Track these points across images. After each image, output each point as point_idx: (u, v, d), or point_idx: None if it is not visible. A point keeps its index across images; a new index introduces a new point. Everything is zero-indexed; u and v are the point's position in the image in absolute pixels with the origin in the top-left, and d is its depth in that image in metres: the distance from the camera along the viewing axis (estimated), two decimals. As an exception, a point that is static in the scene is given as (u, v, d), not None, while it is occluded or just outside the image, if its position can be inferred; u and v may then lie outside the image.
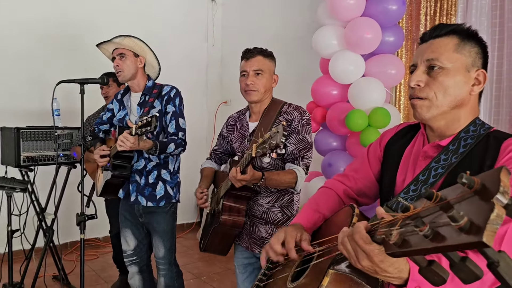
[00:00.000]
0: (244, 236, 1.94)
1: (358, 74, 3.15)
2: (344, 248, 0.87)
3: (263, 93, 1.90)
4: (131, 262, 2.45)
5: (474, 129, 1.05)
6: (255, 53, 1.88)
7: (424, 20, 3.58)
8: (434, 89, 1.03)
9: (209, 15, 5.23)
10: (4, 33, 3.80)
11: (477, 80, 1.05)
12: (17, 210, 2.73)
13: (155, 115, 1.87)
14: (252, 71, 1.87)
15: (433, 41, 1.07)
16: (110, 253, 4.11)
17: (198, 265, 3.89)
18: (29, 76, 3.92)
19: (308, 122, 1.88)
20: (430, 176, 1.04)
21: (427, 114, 1.06)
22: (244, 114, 2.06)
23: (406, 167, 1.16)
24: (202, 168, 2.18)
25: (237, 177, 1.63)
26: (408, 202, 1.05)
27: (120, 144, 1.98)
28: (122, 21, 4.25)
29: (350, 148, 3.24)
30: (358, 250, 0.82)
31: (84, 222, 2.14)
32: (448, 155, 1.04)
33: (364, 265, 0.82)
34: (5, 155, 3.03)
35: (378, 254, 0.79)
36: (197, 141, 4.83)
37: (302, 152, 1.84)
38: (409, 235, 0.66)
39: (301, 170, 1.82)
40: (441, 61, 1.03)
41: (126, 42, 2.25)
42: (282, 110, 1.91)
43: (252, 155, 1.52)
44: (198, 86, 5.12)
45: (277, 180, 1.77)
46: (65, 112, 3.36)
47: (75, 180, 3.02)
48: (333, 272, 0.94)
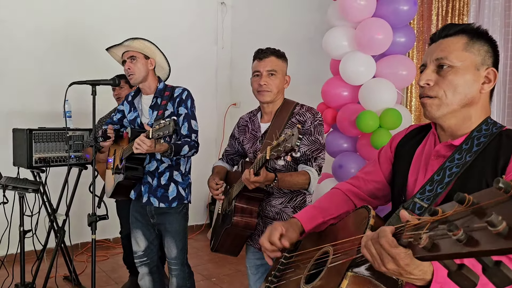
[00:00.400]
0: (257, 237, 1.93)
1: (369, 75, 3.13)
2: (368, 251, 0.87)
3: (276, 93, 1.89)
4: (141, 263, 2.45)
5: (486, 127, 1.05)
6: (269, 53, 1.88)
7: (435, 20, 3.55)
8: (443, 87, 1.04)
9: (219, 17, 5.24)
10: (17, 36, 3.85)
11: (487, 79, 1.05)
12: (29, 210, 2.75)
13: (173, 119, 1.85)
14: (266, 72, 1.86)
15: (442, 40, 1.08)
16: (120, 254, 4.13)
17: (208, 266, 3.88)
18: (41, 78, 3.96)
19: (320, 123, 1.88)
20: (445, 175, 1.04)
21: (437, 113, 1.06)
22: (255, 115, 2.05)
23: (417, 167, 1.16)
24: (214, 166, 2.18)
25: (251, 179, 1.62)
26: (424, 202, 1.06)
27: (136, 147, 1.97)
28: (132, 24, 4.28)
29: (361, 149, 3.21)
30: (384, 254, 0.82)
31: (96, 222, 2.15)
32: (462, 154, 1.04)
33: (389, 268, 0.82)
34: (17, 156, 3.06)
35: (404, 257, 0.79)
36: (206, 143, 4.84)
37: (315, 153, 1.84)
38: (439, 239, 0.65)
39: (314, 171, 1.81)
40: (450, 59, 1.04)
41: (136, 45, 2.26)
42: (294, 111, 1.90)
43: (266, 158, 1.52)
44: (207, 88, 5.14)
45: (290, 182, 1.76)
46: (76, 114, 3.39)
47: (87, 181, 3.04)
48: (352, 274, 0.94)
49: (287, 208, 1.89)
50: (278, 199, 1.90)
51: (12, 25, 3.82)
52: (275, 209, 1.90)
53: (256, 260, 2.00)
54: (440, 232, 0.65)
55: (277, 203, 1.90)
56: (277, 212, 1.90)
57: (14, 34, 3.83)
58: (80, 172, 3.24)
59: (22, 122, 3.41)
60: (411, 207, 1.06)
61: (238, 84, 5.23)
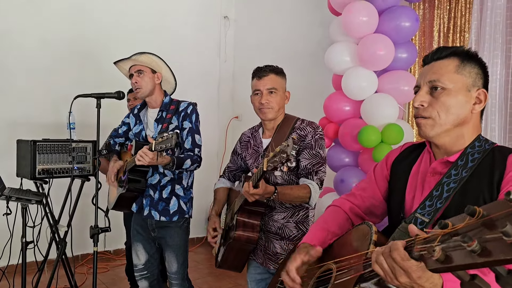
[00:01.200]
0: (259, 252, 1.94)
1: (371, 90, 3.16)
2: (379, 266, 0.88)
3: (278, 110, 1.92)
4: (141, 277, 2.45)
5: (479, 144, 1.11)
6: (268, 71, 1.90)
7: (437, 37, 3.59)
8: (437, 108, 1.09)
9: (222, 31, 5.30)
10: (23, 47, 3.89)
11: (478, 99, 1.10)
12: (31, 221, 2.75)
13: (176, 132, 1.87)
14: (266, 90, 1.88)
15: (435, 63, 1.13)
16: (120, 266, 4.12)
17: (207, 279, 3.86)
18: (46, 90, 4.00)
19: (321, 137, 1.89)
20: (444, 191, 1.08)
21: (431, 132, 1.11)
22: (257, 131, 2.07)
23: (414, 184, 1.20)
24: (216, 189, 2.18)
25: (250, 191, 1.64)
26: (425, 217, 1.08)
27: (139, 158, 1.99)
28: (136, 38, 4.33)
29: (363, 164, 3.23)
30: (396, 268, 0.83)
31: (98, 235, 2.15)
32: (458, 170, 1.08)
33: (402, 282, 0.84)
34: (20, 167, 3.07)
35: (417, 270, 0.81)
36: (208, 156, 4.84)
37: (315, 166, 1.85)
38: (452, 250, 0.68)
39: (315, 185, 1.82)
40: (443, 81, 1.09)
41: (144, 59, 2.28)
42: (295, 126, 1.92)
43: (263, 169, 1.54)
44: (210, 101, 5.17)
45: (290, 195, 1.77)
46: (80, 126, 3.41)
47: (89, 192, 3.05)
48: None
49: (290, 223, 1.90)
50: (280, 214, 1.90)
51: (18, 36, 3.87)
52: (278, 223, 1.90)
53: (257, 275, 2.00)
54: (452, 244, 0.67)
55: (279, 218, 1.90)
56: (280, 227, 1.90)
57: (20, 45, 3.88)
58: (82, 184, 3.24)
59: (26, 133, 3.43)
60: (413, 222, 1.09)
61: (240, 97, 5.26)
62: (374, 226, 1.10)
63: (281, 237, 1.90)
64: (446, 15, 3.54)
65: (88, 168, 3.13)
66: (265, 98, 1.88)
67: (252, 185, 1.64)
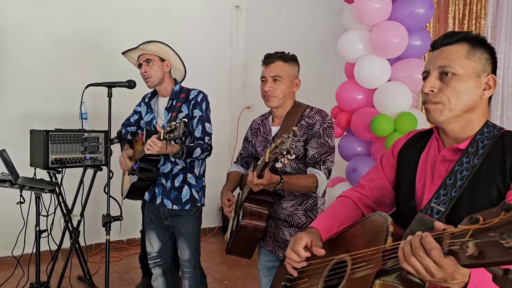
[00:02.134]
0: (268, 239, 1.94)
1: (384, 78, 3.11)
2: (411, 264, 0.87)
3: (282, 98, 1.89)
4: (155, 264, 2.46)
5: (488, 130, 1.11)
6: (275, 58, 1.88)
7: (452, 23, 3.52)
8: (447, 94, 1.09)
9: (233, 21, 5.26)
10: (34, 39, 3.91)
11: (488, 85, 1.11)
12: (45, 211, 2.78)
13: (183, 121, 1.85)
14: (270, 77, 1.87)
15: (444, 48, 1.13)
16: (133, 255, 4.16)
17: (220, 269, 3.88)
18: (58, 81, 4.02)
19: (330, 126, 1.87)
20: (457, 179, 1.08)
21: (440, 117, 1.11)
22: (267, 118, 2.06)
23: (424, 172, 1.19)
24: (229, 172, 2.19)
25: (254, 182, 1.64)
26: (441, 206, 1.06)
27: (148, 148, 1.99)
28: (147, 29, 4.32)
29: (375, 153, 3.19)
30: (432, 266, 0.83)
31: (110, 223, 2.16)
32: (469, 157, 1.08)
33: (438, 278, 0.84)
34: (34, 157, 3.10)
35: (452, 265, 0.81)
36: (220, 146, 4.85)
37: (323, 156, 1.83)
38: (485, 246, 0.67)
39: (322, 175, 1.80)
40: (453, 67, 1.09)
41: (151, 47, 2.27)
42: (304, 114, 1.90)
43: (265, 160, 1.54)
44: (221, 91, 5.15)
45: (296, 184, 1.77)
46: (92, 116, 3.43)
47: (102, 182, 3.07)
48: (380, 282, 0.96)
49: (298, 211, 1.90)
50: (289, 202, 1.90)
51: (30, 29, 3.89)
52: (286, 211, 1.90)
53: (268, 262, 2.01)
54: (487, 239, 0.66)
55: (288, 206, 1.90)
56: (288, 214, 1.90)
57: (31, 37, 3.89)
58: (95, 174, 3.27)
59: (39, 124, 3.46)
60: (429, 212, 1.08)
61: (252, 87, 5.24)
62: (389, 217, 1.09)
63: (290, 224, 1.90)
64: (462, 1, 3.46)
65: (100, 158, 3.15)
66: (268, 86, 1.86)
67: (256, 175, 1.63)
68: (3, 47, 3.77)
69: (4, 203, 3.55)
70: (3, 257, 3.74)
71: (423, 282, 0.94)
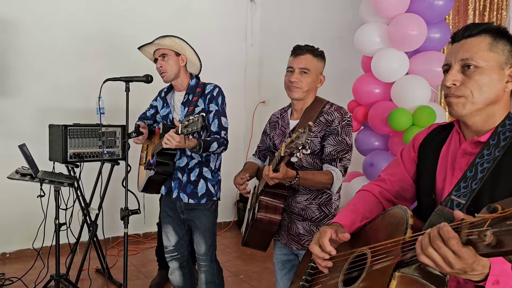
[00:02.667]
0: (283, 232, 1.95)
1: (402, 72, 3.07)
2: (428, 256, 0.86)
3: (306, 91, 1.89)
4: (172, 258, 2.48)
5: (510, 122, 1.09)
6: (305, 50, 1.87)
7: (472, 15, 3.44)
8: (470, 87, 1.07)
9: (248, 15, 5.24)
10: (53, 36, 3.96)
11: (511, 77, 1.09)
12: (63, 204, 2.82)
13: (202, 115, 1.86)
14: (298, 69, 1.86)
15: (466, 40, 1.11)
16: (150, 249, 4.20)
17: (236, 263, 3.90)
18: (75, 77, 4.07)
19: (348, 124, 1.86)
20: (478, 171, 1.06)
21: (463, 111, 1.09)
22: (286, 111, 2.06)
23: (444, 165, 1.18)
24: (246, 162, 2.21)
25: (270, 175, 1.65)
26: (461, 199, 1.06)
27: (165, 142, 2.00)
28: (162, 23, 4.33)
29: (393, 147, 3.15)
30: (450, 256, 0.82)
31: (128, 216, 2.18)
32: (490, 149, 1.07)
33: (457, 268, 0.83)
34: (53, 151, 3.15)
35: (471, 255, 0.80)
36: (235, 141, 4.82)
37: (340, 153, 1.82)
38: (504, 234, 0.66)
39: (338, 172, 1.80)
40: (476, 60, 1.07)
41: (166, 42, 2.27)
42: (323, 110, 1.89)
43: (281, 155, 1.54)
44: (236, 86, 5.15)
45: (311, 180, 1.77)
46: (109, 110, 3.46)
47: (120, 176, 3.10)
48: (400, 274, 0.95)
49: (312, 205, 1.90)
50: (303, 196, 1.90)
51: (48, 25, 3.94)
52: (300, 205, 1.90)
53: (283, 256, 2.02)
54: (505, 228, 0.66)
55: (302, 200, 1.90)
56: (302, 208, 1.90)
57: (49, 33, 3.94)
58: (112, 168, 3.31)
59: (57, 118, 3.51)
60: (449, 204, 1.07)
61: (267, 82, 5.22)
62: (409, 209, 1.08)
63: (304, 218, 1.90)
64: (482, -8, 3.38)
65: (117, 152, 3.19)
66: (295, 77, 1.85)
67: (272, 169, 1.64)
68: (22, 44, 3.83)
69: (25, 196, 3.61)
70: (24, 249, 3.82)
71: (444, 275, 0.93)
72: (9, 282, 3.23)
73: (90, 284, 3.11)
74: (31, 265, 3.20)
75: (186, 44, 2.33)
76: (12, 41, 3.78)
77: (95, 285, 3.27)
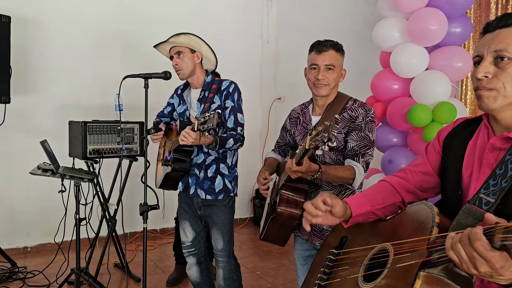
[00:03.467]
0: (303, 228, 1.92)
1: (421, 67, 3.02)
2: (456, 254, 0.85)
3: (333, 87, 1.88)
4: (189, 254, 2.50)
5: None
6: (328, 46, 1.85)
7: (494, 9, 3.36)
8: (502, 80, 1.02)
9: (264, 11, 5.23)
10: (72, 34, 4.02)
11: None
12: (83, 199, 2.87)
13: (217, 112, 1.86)
14: (324, 66, 1.84)
15: (500, 31, 1.05)
16: (167, 244, 4.24)
17: (252, 259, 3.91)
18: (94, 74, 4.12)
19: (372, 120, 1.86)
20: (508, 169, 1.01)
21: (494, 105, 1.05)
22: (307, 107, 2.04)
23: (471, 161, 1.14)
24: (266, 157, 2.20)
25: (293, 169, 1.64)
26: (491, 197, 1.02)
27: (182, 139, 2.02)
28: (178, 20, 4.35)
29: (412, 144, 3.11)
30: (476, 257, 0.81)
31: (147, 212, 2.20)
32: None
33: (482, 271, 0.82)
34: (72, 147, 3.20)
35: (500, 260, 0.79)
36: (251, 137, 4.83)
37: (363, 149, 1.82)
38: None
39: (360, 167, 1.79)
40: (510, 51, 1.02)
41: (181, 40, 2.28)
42: (346, 106, 1.89)
43: (306, 148, 1.52)
44: (252, 82, 5.14)
45: (334, 175, 1.76)
46: (127, 107, 3.50)
47: (138, 172, 3.13)
48: (425, 274, 0.93)
49: None
50: (326, 191, 1.88)
51: (67, 23, 3.99)
52: None
53: (304, 251, 2.01)
54: None
55: None
56: None
57: (69, 31, 4.00)
58: (130, 164, 3.35)
59: (77, 115, 3.56)
60: (477, 203, 1.02)
61: (283, 78, 5.21)
62: (435, 206, 1.05)
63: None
64: (505, -15, 3.30)
65: (136, 149, 3.22)
66: (322, 74, 1.84)
67: (295, 162, 1.63)
68: (43, 42, 3.89)
69: (46, 192, 3.69)
70: (45, 243, 3.89)
71: (470, 276, 0.91)
72: (31, 275, 3.30)
73: (109, 278, 3.16)
74: (52, 259, 3.26)
75: (201, 40, 2.33)
76: (33, 41, 3.85)
77: (114, 279, 3.32)
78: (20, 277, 3.26)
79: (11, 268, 3.42)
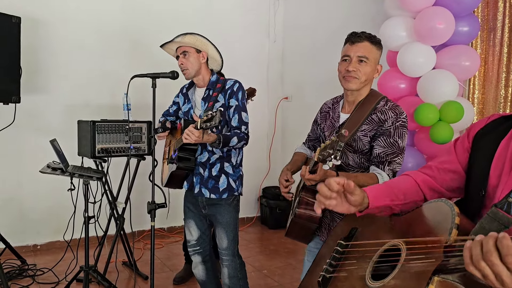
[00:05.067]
0: (323, 230, 1.89)
1: (428, 66, 3.00)
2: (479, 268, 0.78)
3: (363, 81, 1.75)
4: (194, 252, 2.52)
5: None
6: (363, 38, 1.75)
7: (502, 7, 3.32)
8: None
9: (271, 11, 5.24)
10: (80, 35, 4.06)
11: None
12: (92, 198, 2.90)
13: (219, 110, 1.88)
14: (356, 57, 1.73)
15: None
16: (174, 243, 4.28)
17: (259, 258, 3.92)
18: (102, 74, 4.16)
19: (403, 125, 1.72)
20: None
21: None
22: (338, 102, 1.94)
23: (502, 161, 1.06)
24: (295, 152, 2.12)
25: (306, 176, 1.59)
26: None
27: (185, 137, 2.04)
28: (186, 20, 4.39)
29: (419, 143, 3.10)
30: (505, 274, 0.74)
31: (155, 210, 2.23)
32: None
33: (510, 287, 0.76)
34: (81, 146, 3.24)
35: None
36: (258, 136, 4.86)
37: (389, 156, 1.69)
38: None
39: (384, 176, 1.67)
40: None
41: (187, 40, 2.30)
42: (377, 106, 1.75)
43: (315, 160, 1.48)
44: (259, 82, 5.15)
45: None
46: (135, 107, 3.53)
47: (145, 171, 3.16)
48: (439, 279, 0.87)
49: None
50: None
51: (76, 24, 4.04)
52: None
53: (316, 250, 1.98)
54: None
55: None
56: None
57: (77, 31, 4.05)
58: (138, 163, 3.38)
59: (86, 115, 3.60)
60: (506, 208, 0.95)
61: (289, 77, 5.21)
62: (455, 206, 0.97)
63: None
64: (514, -17, 3.27)
65: (143, 148, 3.25)
66: (353, 66, 1.72)
67: (309, 170, 1.58)
68: (52, 42, 3.94)
69: (55, 190, 3.74)
70: (54, 241, 3.94)
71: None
72: (40, 273, 3.35)
73: (117, 276, 3.19)
74: (61, 257, 3.31)
75: (207, 41, 2.35)
76: (42, 41, 3.90)
77: (122, 277, 3.36)
78: (30, 275, 3.31)
79: (21, 266, 3.47)
